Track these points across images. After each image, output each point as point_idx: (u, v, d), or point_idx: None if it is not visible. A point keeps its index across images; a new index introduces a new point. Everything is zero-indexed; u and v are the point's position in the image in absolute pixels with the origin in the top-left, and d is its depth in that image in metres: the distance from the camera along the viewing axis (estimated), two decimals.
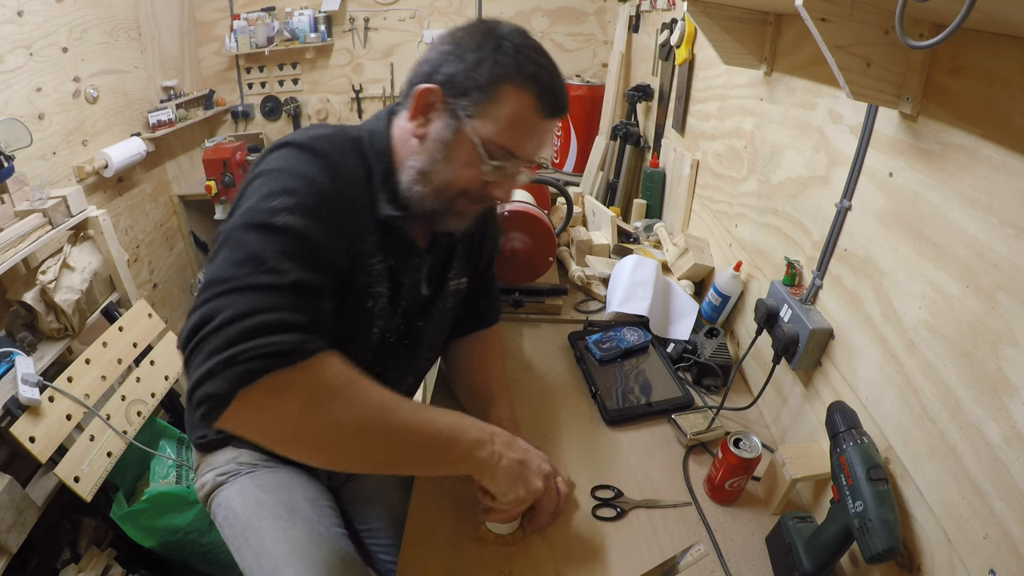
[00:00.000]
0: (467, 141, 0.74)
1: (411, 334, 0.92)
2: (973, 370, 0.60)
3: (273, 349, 0.52)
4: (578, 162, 2.95)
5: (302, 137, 0.73)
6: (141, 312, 1.80)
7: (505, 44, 0.73)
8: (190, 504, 1.48)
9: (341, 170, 0.72)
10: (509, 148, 0.75)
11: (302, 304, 0.58)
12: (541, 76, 0.73)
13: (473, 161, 0.75)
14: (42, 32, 1.89)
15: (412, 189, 0.78)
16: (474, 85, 0.72)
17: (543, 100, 0.74)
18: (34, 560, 1.37)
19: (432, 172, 0.76)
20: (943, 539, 0.62)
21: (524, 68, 0.72)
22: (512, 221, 1.26)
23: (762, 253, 1.15)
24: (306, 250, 0.62)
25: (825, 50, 0.66)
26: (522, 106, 0.73)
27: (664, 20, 1.97)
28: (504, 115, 0.73)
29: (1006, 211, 0.57)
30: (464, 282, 0.98)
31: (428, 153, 0.76)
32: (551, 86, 0.75)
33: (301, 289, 0.58)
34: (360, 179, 0.77)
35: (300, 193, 0.64)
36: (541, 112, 0.74)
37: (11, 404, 1.29)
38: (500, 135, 0.73)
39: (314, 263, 0.62)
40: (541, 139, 0.78)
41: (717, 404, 1.02)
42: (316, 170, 0.69)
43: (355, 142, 0.79)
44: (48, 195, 1.63)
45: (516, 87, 0.72)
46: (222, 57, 3.07)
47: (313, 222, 0.63)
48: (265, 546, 0.83)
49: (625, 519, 0.85)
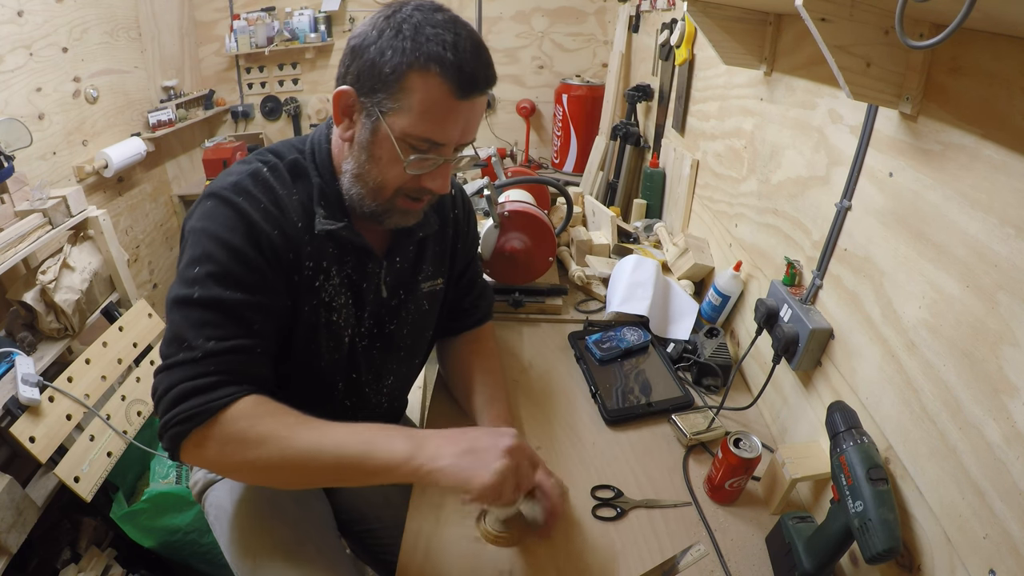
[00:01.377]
0: (387, 139, 0.72)
1: (382, 337, 0.92)
2: (973, 370, 0.60)
3: (184, 416, 0.65)
4: (578, 162, 2.96)
5: (227, 185, 0.74)
6: (141, 312, 1.80)
7: (404, 27, 0.68)
8: (190, 504, 1.48)
9: (267, 210, 0.74)
10: (428, 138, 0.71)
11: (211, 368, 0.67)
12: (445, 56, 0.67)
13: (397, 158, 0.72)
14: (42, 32, 1.90)
15: (351, 193, 0.78)
16: (380, 79, 0.69)
17: (452, 81, 0.68)
18: (34, 560, 1.37)
19: (363, 174, 0.76)
20: (943, 539, 0.62)
21: (425, 50, 0.67)
22: (512, 221, 1.26)
23: (762, 253, 1.15)
24: (220, 316, 0.70)
25: (825, 50, 0.66)
26: (431, 91, 0.68)
27: (664, 20, 1.98)
28: (415, 105, 0.69)
29: (1006, 211, 0.57)
30: (440, 283, 0.97)
31: (356, 156, 0.76)
32: (459, 64, 0.68)
33: (212, 355, 0.67)
34: (295, 205, 0.78)
35: (215, 259, 0.70)
36: (454, 93, 0.69)
37: (11, 404, 1.30)
38: (415, 126, 0.70)
39: (232, 325, 0.70)
40: (465, 121, 0.72)
41: (717, 404, 1.02)
42: (232, 226, 0.72)
43: (293, 165, 0.80)
44: (48, 195, 1.63)
45: (420, 72, 0.67)
46: (222, 57, 3.08)
47: (226, 287, 0.70)
48: (252, 544, 0.84)
49: (625, 519, 0.85)
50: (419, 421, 1.46)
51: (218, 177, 0.78)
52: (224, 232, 0.71)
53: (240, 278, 0.71)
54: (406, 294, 0.92)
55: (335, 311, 0.84)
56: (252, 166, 0.78)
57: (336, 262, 0.82)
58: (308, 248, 0.79)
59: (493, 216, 1.25)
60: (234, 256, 0.71)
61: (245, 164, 0.79)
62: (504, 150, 3.19)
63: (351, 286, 0.85)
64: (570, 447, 0.98)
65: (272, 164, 0.79)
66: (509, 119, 3.26)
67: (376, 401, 0.98)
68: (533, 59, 3.15)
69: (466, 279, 1.05)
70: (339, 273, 0.83)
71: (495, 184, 1.34)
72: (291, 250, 0.77)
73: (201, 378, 0.66)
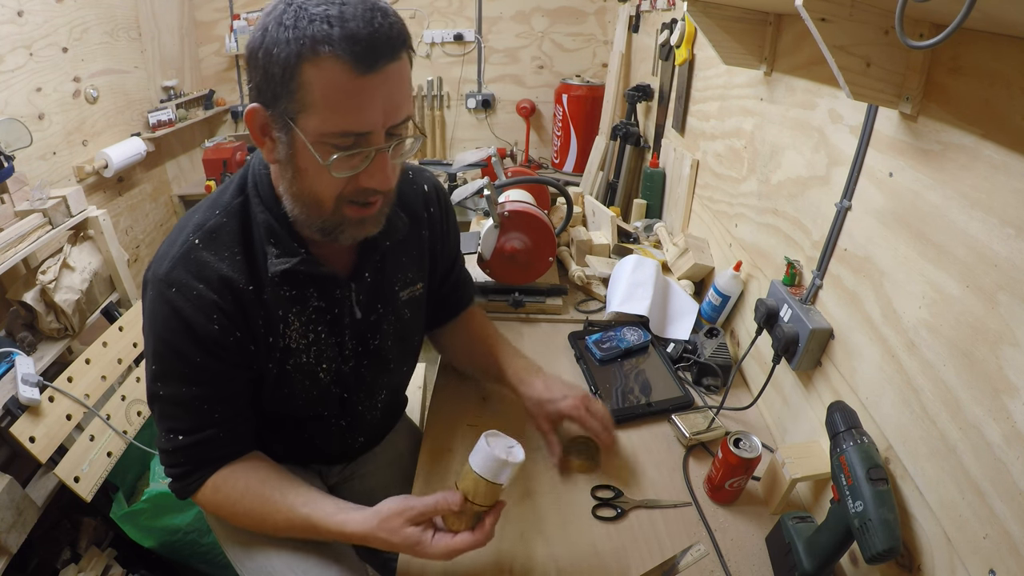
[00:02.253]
0: (305, 146, 0.63)
1: (368, 354, 0.88)
2: (973, 370, 0.60)
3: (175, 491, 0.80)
4: (578, 162, 2.96)
5: (162, 275, 0.71)
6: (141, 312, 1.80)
7: (285, 17, 0.59)
8: (190, 504, 1.47)
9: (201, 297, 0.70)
10: (345, 130, 0.62)
11: (181, 459, 0.77)
12: (331, 33, 0.57)
13: (321, 164, 0.64)
14: (42, 32, 1.90)
15: (295, 214, 0.72)
16: (277, 84, 0.60)
17: (348, 57, 0.58)
18: (34, 560, 1.37)
19: (298, 192, 0.69)
20: (943, 539, 0.62)
21: (309, 33, 0.58)
22: (512, 221, 1.26)
23: (762, 253, 1.15)
24: (181, 411, 0.76)
25: (825, 50, 0.66)
26: (328, 77, 0.59)
27: (664, 20, 1.97)
28: (317, 98, 0.60)
29: (1006, 211, 0.57)
30: (420, 288, 0.92)
31: (284, 174, 0.69)
32: (351, 33, 0.58)
33: (180, 449, 0.76)
34: (240, 265, 0.73)
35: (163, 359, 0.74)
36: (356, 70, 0.59)
37: (11, 404, 1.29)
38: (327, 122, 0.61)
39: (193, 418, 0.76)
40: (384, 98, 0.62)
41: (717, 404, 1.02)
42: (172, 327, 0.71)
43: (238, 212, 0.74)
44: (48, 195, 1.63)
45: (311, 61, 0.58)
46: (222, 57, 3.08)
47: (181, 384, 0.74)
48: (254, 541, 0.84)
49: (625, 519, 0.85)
50: (419, 421, 1.46)
51: (160, 250, 0.74)
52: (165, 334, 0.72)
53: (189, 376, 0.74)
54: (384, 307, 0.87)
55: (302, 353, 0.80)
56: (185, 244, 0.72)
57: (296, 303, 0.78)
58: (260, 309, 0.75)
59: (493, 216, 1.25)
60: (177, 357, 0.73)
61: (178, 237, 0.73)
62: (504, 150, 3.19)
63: (320, 319, 0.80)
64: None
65: (208, 228, 0.73)
66: (509, 119, 3.26)
67: (371, 416, 0.97)
68: (533, 59, 3.15)
69: (452, 277, 1.04)
70: (302, 313, 0.79)
71: (495, 184, 1.34)
72: (237, 327, 0.74)
73: (175, 467, 0.78)
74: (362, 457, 1.06)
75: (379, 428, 1.07)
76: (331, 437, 0.95)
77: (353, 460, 1.06)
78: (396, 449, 1.11)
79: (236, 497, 0.78)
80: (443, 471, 0.93)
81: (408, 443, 1.13)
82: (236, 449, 0.80)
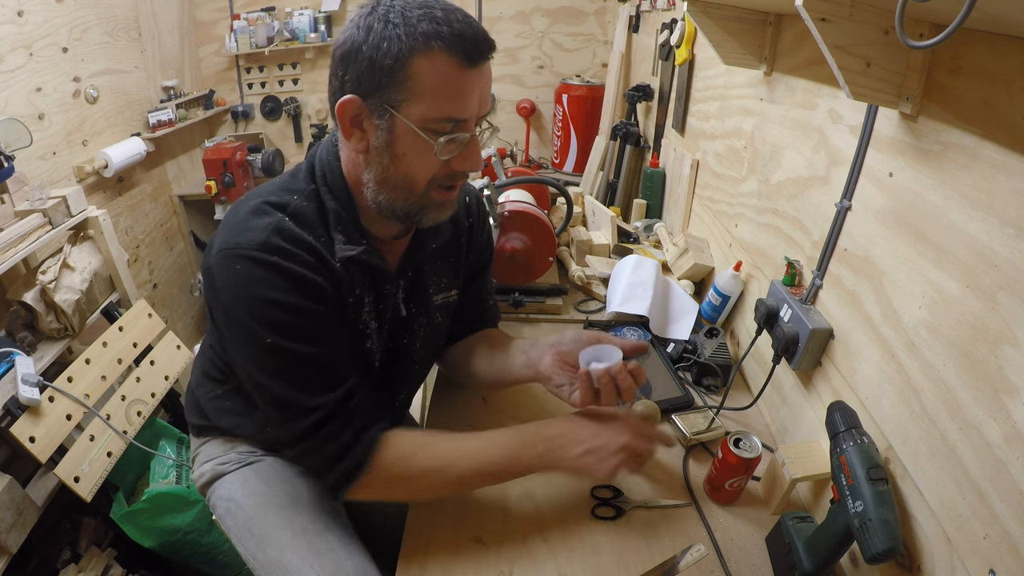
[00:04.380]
0: (407, 132, 0.69)
1: (398, 352, 0.91)
2: (973, 370, 0.60)
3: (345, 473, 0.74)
4: (578, 162, 2.95)
5: (255, 245, 0.70)
6: (141, 312, 1.80)
7: (391, 16, 0.66)
8: (190, 504, 1.48)
9: (305, 260, 0.72)
10: (450, 116, 0.69)
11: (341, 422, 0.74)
12: (442, 30, 0.65)
13: (423, 148, 0.70)
14: (42, 32, 1.89)
15: (378, 200, 0.75)
16: (384, 73, 0.66)
17: (457, 52, 0.66)
18: (34, 560, 1.37)
19: (389, 177, 0.73)
20: (943, 539, 0.62)
21: (421, 30, 0.65)
22: (512, 221, 1.26)
23: (762, 253, 1.15)
24: (315, 371, 0.74)
25: (825, 50, 0.66)
26: (439, 69, 0.66)
27: (664, 20, 1.97)
28: (427, 87, 0.67)
29: (1006, 211, 0.57)
30: (454, 295, 0.96)
31: (377, 162, 0.73)
32: (459, 32, 0.66)
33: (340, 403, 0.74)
34: (317, 243, 0.75)
35: (272, 322, 0.71)
36: (462, 64, 0.67)
37: (11, 404, 1.29)
38: (434, 108, 0.68)
39: (330, 374, 0.74)
40: (481, 91, 0.71)
41: (717, 404, 1.02)
42: (280, 286, 0.71)
43: (314, 195, 0.77)
44: (48, 195, 1.63)
45: (423, 54, 0.65)
46: (222, 57, 3.07)
47: (305, 343, 0.72)
48: (270, 535, 0.83)
49: (625, 519, 0.85)
50: (419, 420, 1.46)
51: (233, 228, 0.73)
52: (274, 294, 0.71)
53: (311, 332, 0.73)
54: (418, 308, 0.90)
55: (368, 337, 0.84)
56: (272, 218, 0.73)
57: (365, 288, 0.81)
58: (347, 283, 0.78)
59: (493, 216, 1.25)
60: (296, 313, 0.72)
61: (261, 216, 0.74)
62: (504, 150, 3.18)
63: (373, 310, 0.84)
64: None
65: (293, 209, 0.75)
66: (509, 119, 3.25)
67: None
68: (533, 59, 3.15)
69: (477, 289, 1.03)
70: (366, 298, 0.82)
71: (495, 184, 1.34)
72: (337, 291, 0.77)
73: (344, 429, 0.74)
74: None
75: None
76: None
77: None
78: None
79: (423, 444, 0.79)
80: None
81: None
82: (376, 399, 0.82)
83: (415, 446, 0.78)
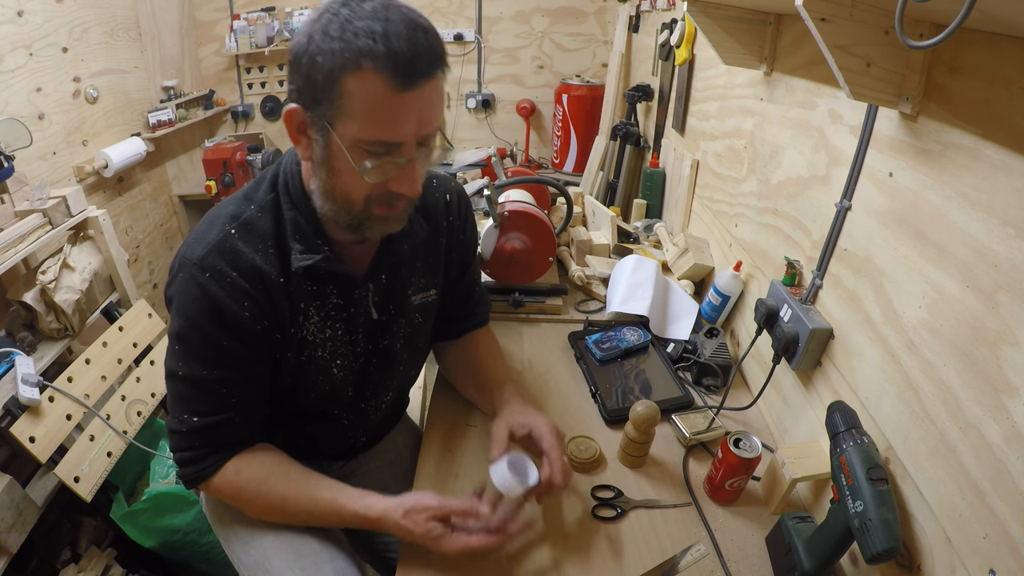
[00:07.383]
0: (341, 149, 0.67)
1: (379, 354, 0.91)
2: (973, 370, 0.60)
3: (186, 478, 0.80)
4: (578, 162, 2.95)
5: (196, 259, 0.73)
6: (141, 312, 1.80)
7: (331, 27, 0.61)
8: (190, 504, 1.48)
9: (234, 284, 0.73)
10: (380, 140, 0.65)
11: (196, 442, 0.78)
12: (376, 49, 0.60)
13: (354, 168, 0.67)
14: (42, 32, 1.89)
15: (324, 210, 0.75)
16: (318, 88, 0.63)
17: (388, 73, 0.61)
18: (34, 560, 1.37)
19: (329, 190, 0.72)
20: (943, 539, 0.62)
21: (354, 46, 0.60)
22: (512, 221, 1.26)
23: (762, 253, 1.15)
24: (199, 393, 0.77)
25: (825, 50, 0.66)
26: (369, 90, 0.62)
27: (664, 20, 1.97)
28: (357, 108, 0.63)
29: (1006, 211, 0.57)
30: (433, 294, 0.95)
31: (318, 173, 0.72)
32: (395, 52, 0.60)
33: (194, 432, 0.77)
34: (272, 258, 0.76)
35: (188, 340, 0.75)
36: (394, 88, 0.62)
37: (11, 404, 1.29)
38: (364, 130, 0.65)
39: (210, 401, 0.77)
40: (418, 113, 0.65)
41: (717, 404, 1.02)
42: (201, 309, 0.73)
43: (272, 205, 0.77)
44: (48, 195, 1.63)
45: (353, 73, 0.61)
46: (222, 57, 3.07)
47: (202, 366, 0.75)
48: (255, 536, 0.84)
49: (625, 519, 0.85)
50: (419, 421, 1.46)
51: (193, 236, 0.76)
52: (194, 315, 0.74)
53: (213, 358, 0.75)
54: (396, 309, 0.89)
55: (318, 347, 0.83)
56: (221, 232, 0.74)
57: (316, 299, 0.81)
58: (286, 301, 0.78)
59: (493, 216, 1.25)
60: (204, 339, 0.74)
61: (211, 228, 0.75)
62: (504, 150, 3.19)
63: (338, 317, 0.84)
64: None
65: (244, 220, 0.76)
66: (509, 119, 3.25)
67: (375, 416, 0.99)
68: (533, 59, 3.15)
69: (464, 285, 1.03)
70: (321, 308, 0.82)
71: (495, 184, 1.34)
72: (265, 316, 0.76)
73: (188, 451, 0.79)
74: (363, 455, 1.07)
75: (381, 428, 1.08)
76: (334, 435, 0.96)
77: (354, 458, 1.07)
78: (396, 448, 1.11)
79: (261, 478, 0.79)
80: (443, 471, 0.93)
81: (408, 443, 1.14)
82: (250, 436, 0.82)
83: (249, 475, 0.79)
